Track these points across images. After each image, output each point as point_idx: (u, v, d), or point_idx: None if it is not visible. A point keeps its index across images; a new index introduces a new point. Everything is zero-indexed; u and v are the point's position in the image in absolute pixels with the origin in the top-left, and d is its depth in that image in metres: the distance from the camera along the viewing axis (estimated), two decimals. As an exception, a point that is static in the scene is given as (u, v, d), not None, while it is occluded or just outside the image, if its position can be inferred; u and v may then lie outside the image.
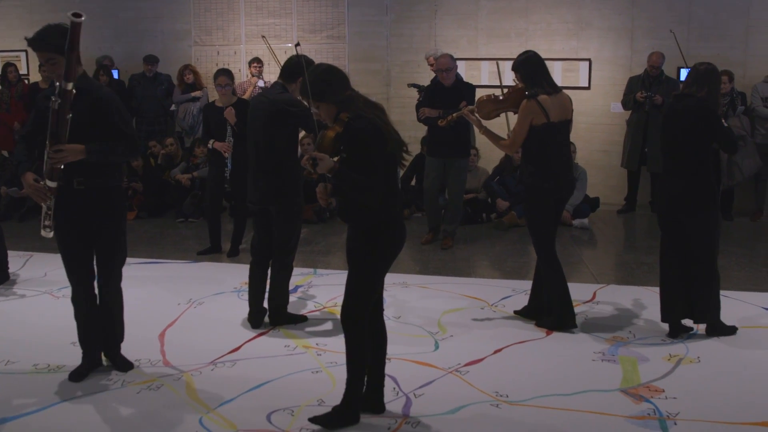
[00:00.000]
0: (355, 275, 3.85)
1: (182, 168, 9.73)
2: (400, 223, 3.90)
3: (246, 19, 11.21)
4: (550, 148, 5.29)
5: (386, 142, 3.75)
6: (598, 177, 10.34)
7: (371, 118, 3.75)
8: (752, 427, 4.00)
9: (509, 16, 10.66)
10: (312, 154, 3.70)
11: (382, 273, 3.93)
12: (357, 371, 3.88)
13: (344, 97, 3.81)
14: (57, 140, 4.11)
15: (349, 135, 3.75)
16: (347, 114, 3.79)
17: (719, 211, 5.30)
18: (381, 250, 3.83)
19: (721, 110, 5.27)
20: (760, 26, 10.04)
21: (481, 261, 7.58)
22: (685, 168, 5.14)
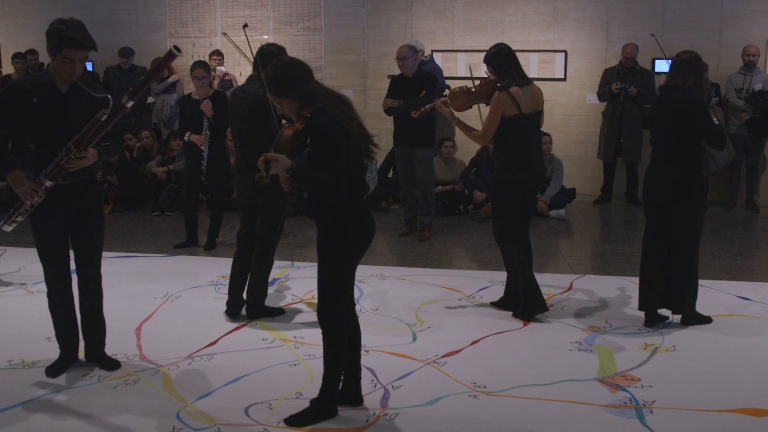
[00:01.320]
0: (325, 271, 3.80)
1: (158, 161, 9.66)
2: (367, 217, 3.85)
3: (222, 11, 11.15)
4: (522, 139, 5.35)
5: (350, 137, 3.66)
6: (574, 168, 10.40)
7: (334, 112, 3.65)
8: (727, 414, 4.05)
9: (485, 7, 10.67)
10: (266, 155, 3.60)
11: (353, 267, 3.88)
12: (335, 366, 3.87)
13: (306, 92, 3.71)
14: (84, 146, 4.06)
15: (312, 131, 3.67)
16: (309, 109, 3.69)
17: (705, 202, 5.34)
18: (349, 244, 3.78)
19: (707, 95, 5.30)
20: (733, 17, 10.13)
21: (459, 252, 7.60)
22: (675, 158, 5.18)
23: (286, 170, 3.59)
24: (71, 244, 4.38)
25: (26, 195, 4.09)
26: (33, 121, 4.12)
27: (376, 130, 10.59)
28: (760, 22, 10.05)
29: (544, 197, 9.16)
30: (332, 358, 3.86)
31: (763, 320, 5.51)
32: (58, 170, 4.08)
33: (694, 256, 5.29)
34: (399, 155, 8.09)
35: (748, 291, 6.19)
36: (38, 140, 4.15)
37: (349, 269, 3.86)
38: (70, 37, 4.01)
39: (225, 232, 8.12)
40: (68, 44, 4.01)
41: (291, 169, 3.60)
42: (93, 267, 4.44)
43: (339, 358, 3.87)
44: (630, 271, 6.82)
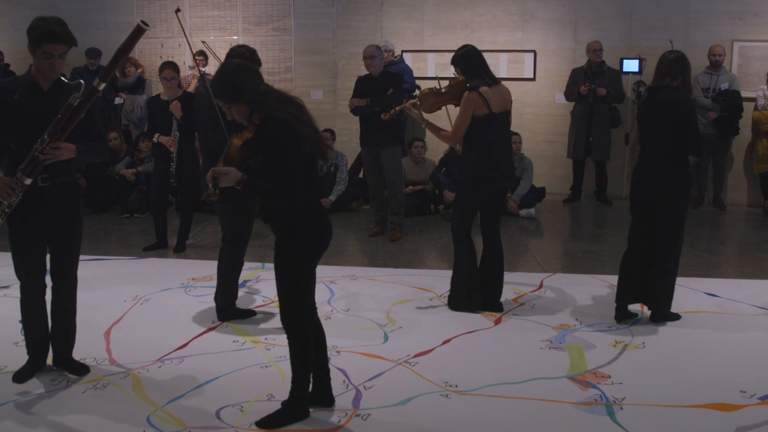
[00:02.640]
0: (283, 276, 3.75)
1: (126, 162, 9.58)
2: (323, 220, 3.80)
3: (190, 11, 11.07)
4: (492, 139, 5.38)
5: (301, 142, 3.58)
6: (544, 167, 10.47)
7: (284, 117, 3.57)
8: (696, 409, 4.09)
9: (455, 8, 10.71)
10: (214, 169, 3.53)
11: (310, 271, 3.83)
12: (302, 368, 3.85)
13: (256, 96, 3.60)
14: (58, 137, 4.00)
15: (261, 138, 3.58)
16: (259, 115, 3.60)
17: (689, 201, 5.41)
18: (305, 249, 3.73)
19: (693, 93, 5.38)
20: (700, 18, 10.25)
21: (430, 252, 7.62)
22: (665, 157, 5.23)
23: (236, 183, 3.54)
24: (48, 249, 4.31)
25: (2, 192, 4.01)
26: (14, 120, 4.06)
27: (347, 130, 10.64)
28: (726, 23, 10.19)
29: (514, 196, 9.20)
30: (299, 360, 3.83)
31: (731, 316, 5.58)
32: (34, 164, 3.99)
33: (674, 254, 5.35)
34: (366, 155, 8.09)
35: (716, 287, 6.26)
36: (20, 139, 4.07)
37: (307, 273, 3.81)
38: (48, 31, 3.98)
39: (195, 233, 8.07)
40: (47, 38, 3.98)
41: (241, 182, 3.54)
42: (69, 273, 4.38)
43: (306, 360, 3.85)
44: (600, 269, 6.88)
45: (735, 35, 10.19)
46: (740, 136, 10.00)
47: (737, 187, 10.43)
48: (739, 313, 5.67)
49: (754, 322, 5.49)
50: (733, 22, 10.19)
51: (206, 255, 7.29)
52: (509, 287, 6.09)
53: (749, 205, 10.35)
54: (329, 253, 7.34)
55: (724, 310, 5.72)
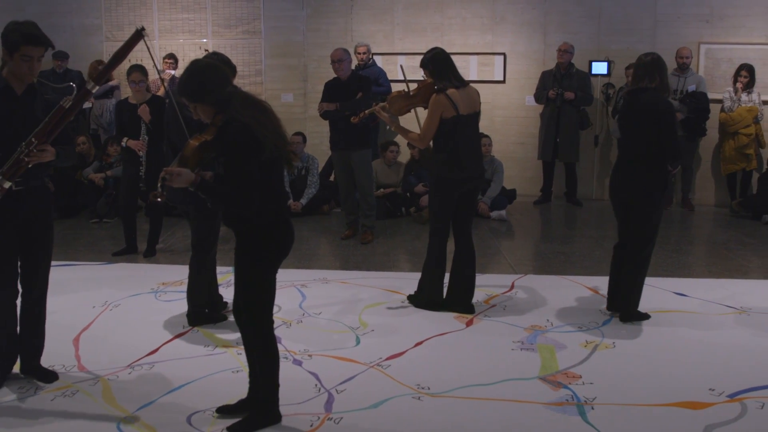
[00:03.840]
0: (245, 281, 3.74)
1: (95, 167, 9.48)
2: (286, 226, 3.78)
3: (159, 14, 10.99)
4: (461, 140, 5.43)
5: (262, 147, 3.53)
6: (514, 169, 10.52)
7: (247, 121, 3.52)
8: (666, 408, 4.13)
9: (425, 11, 10.73)
10: (165, 169, 3.48)
11: (272, 276, 3.80)
12: (271, 373, 3.83)
13: (222, 97, 3.57)
14: (45, 139, 3.94)
15: (221, 141, 3.55)
16: (222, 117, 3.57)
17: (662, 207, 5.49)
18: (266, 254, 3.71)
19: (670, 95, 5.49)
20: (666, 20, 10.37)
21: (401, 255, 7.62)
22: (641, 158, 5.30)
23: (189, 184, 3.49)
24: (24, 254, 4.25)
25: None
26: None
27: (317, 133, 10.62)
28: (692, 25, 10.31)
29: (485, 198, 9.24)
30: (267, 364, 3.81)
31: (700, 315, 5.64)
32: (17, 166, 3.92)
33: (643, 255, 5.41)
34: (337, 159, 8.08)
35: (685, 287, 6.32)
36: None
37: (268, 278, 3.78)
38: (28, 33, 3.94)
39: (165, 238, 8.01)
40: (27, 41, 3.94)
41: (194, 183, 3.49)
42: (40, 278, 4.31)
43: (273, 363, 3.83)
44: (570, 270, 6.92)
45: (701, 38, 10.32)
46: (707, 137, 10.13)
47: (705, 187, 10.56)
48: (708, 312, 5.73)
49: (723, 321, 5.55)
50: (700, 24, 10.32)
51: (176, 260, 7.24)
52: (481, 289, 6.11)
53: (717, 205, 10.47)
54: (301, 257, 7.33)
55: (693, 309, 5.78)
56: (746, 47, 10.21)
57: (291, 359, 4.77)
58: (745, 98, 9.72)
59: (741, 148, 9.76)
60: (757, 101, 9.74)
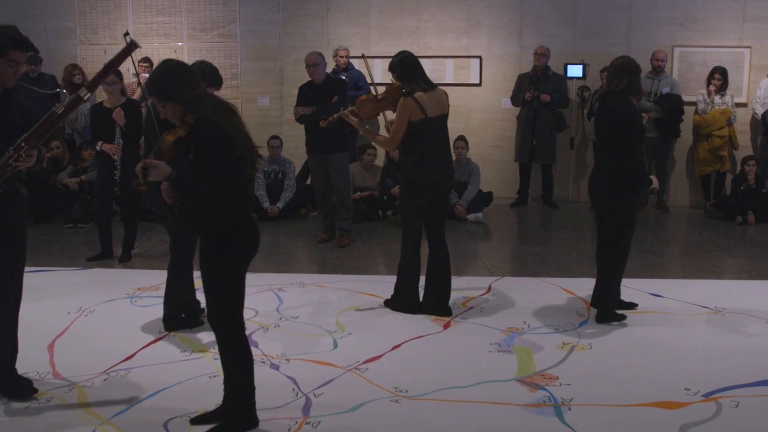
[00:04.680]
0: (212, 285, 3.72)
1: (69, 171, 9.40)
2: (251, 227, 3.78)
3: (134, 17, 10.93)
4: (428, 143, 5.47)
5: (233, 146, 3.58)
6: (491, 172, 10.56)
7: (219, 120, 3.57)
8: (642, 408, 4.16)
9: (401, 14, 10.75)
10: (145, 161, 3.49)
11: (240, 277, 3.78)
12: (245, 376, 3.81)
13: (192, 97, 3.60)
14: (37, 142, 3.91)
15: (194, 138, 3.56)
16: (193, 116, 3.59)
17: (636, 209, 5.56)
18: (232, 256, 3.69)
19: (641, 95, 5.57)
20: (641, 23, 10.45)
21: (378, 258, 7.62)
22: (610, 159, 5.39)
23: (165, 178, 3.50)
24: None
25: None
26: None
27: (294, 137, 10.61)
28: (666, 29, 10.40)
29: (461, 201, 9.26)
30: (240, 367, 3.79)
31: (675, 316, 5.69)
32: (3, 170, 3.89)
33: (615, 255, 5.47)
34: (313, 162, 8.07)
35: (660, 288, 6.37)
36: None
37: (237, 279, 3.76)
38: (17, 39, 3.92)
39: (141, 243, 7.95)
40: (15, 46, 3.92)
41: (170, 177, 3.50)
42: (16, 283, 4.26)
43: (247, 366, 3.81)
44: (547, 272, 6.95)
45: (675, 41, 10.41)
46: (682, 139, 10.22)
47: (679, 189, 10.65)
48: (683, 312, 5.78)
49: (698, 321, 5.60)
50: (674, 28, 10.41)
51: (152, 264, 7.19)
52: (458, 291, 6.13)
53: (691, 206, 10.56)
54: (278, 261, 7.32)
55: (668, 310, 5.83)
56: (719, 50, 10.32)
57: (268, 363, 4.75)
58: (719, 101, 9.82)
59: (715, 150, 9.86)
60: (730, 104, 9.85)
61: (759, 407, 4.19)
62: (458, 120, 10.55)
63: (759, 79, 10.12)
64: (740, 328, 5.46)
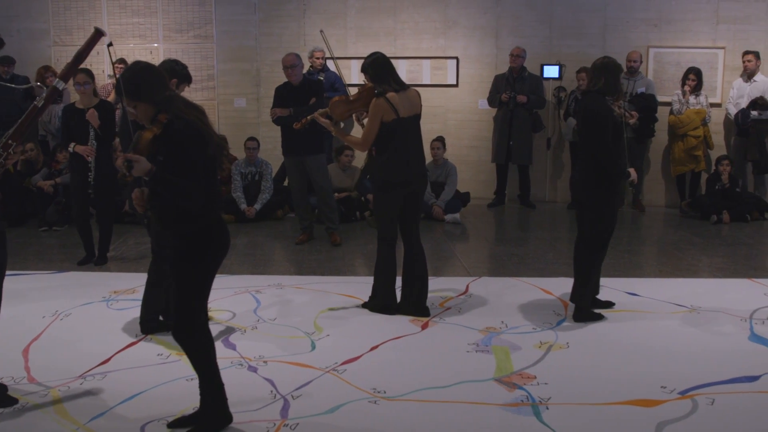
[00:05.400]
0: (181, 285, 3.69)
1: (44, 174, 9.31)
2: (222, 228, 3.78)
3: (109, 18, 10.84)
4: (401, 143, 5.49)
5: (207, 145, 3.62)
6: (468, 172, 10.59)
7: (191, 119, 3.60)
8: (619, 406, 4.19)
9: (378, 15, 10.75)
10: (127, 155, 3.50)
11: (209, 279, 3.78)
12: (211, 375, 3.79)
13: (163, 98, 3.62)
14: (22, 137, 3.93)
15: (168, 136, 3.57)
16: (166, 115, 3.60)
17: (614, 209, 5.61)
18: (204, 256, 3.69)
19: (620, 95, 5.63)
20: (616, 25, 10.52)
21: (356, 259, 7.61)
22: (590, 158, 5.45)
23: (146, 173, 3.50)
24: None
25: None
26: None
27: (270, 138, 10.59)
28: (641, 30, 10.48)
29: (439, 202, 9.28)
30: (205, 366, 3.77)
31: (651, 314, 5.73)
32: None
33: (592, 253, 5.53)
34: (290, 164, 8.04)
35: (637, 287, 6.41)
36: None
37: (206, 283, 3.76)
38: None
39: (117, 245, 7.89)
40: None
41: (150, 172, 3.50)
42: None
43: (212, 364, 3.78)
44: (524, 272, 6.98)
45: (650, 42, 10.49)
46: (657, 139, 10.30)
47: (655, 188, 10.73)
48: (659, 311, 5.82)
49: (674, 319, 5.64)
50: (648, 29, 10.49)
51: (128, 267, 7.14)
52: (435, 292, 6.14)
53: (667, 206, 10.65)
54: (255, 263, 7.29)
55: (645, 308, 5.87)
56: (693, 51, 10.41)
57: (246, 366, 4.73)
58: (693, 101, 9.91)
59: (690, 150, 9.94)
60: (705, 104, 9.94)
61: (734, 404, 4.23)
62: (435, 121, 10.58)
63: (732, 80, 10.22)
64: (715, 326, 5.51)
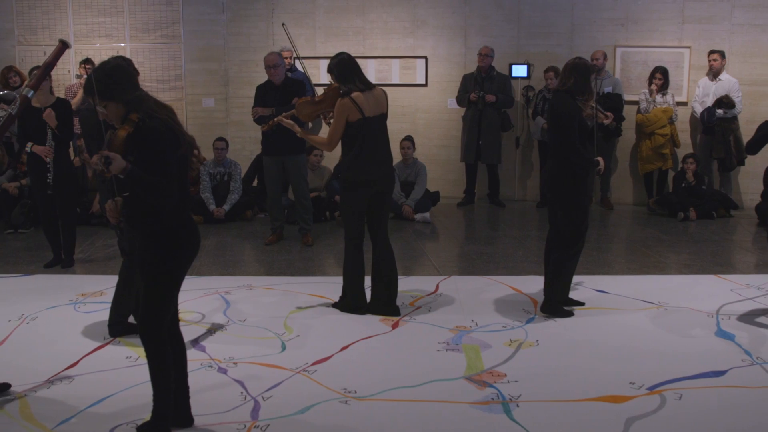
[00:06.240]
0: (150, 286, 3.65)
1: (9, 176, 9.19)
2: (192, 228, 3.75)
3: (74, 18, 10.72)
4: (366, 142, 5.50)
5: (179, 144, 3.62)
6: (437, 171, 10.61)
7: (164, 118, 3.59)
8: (589, 402, 4.22)
9: (346, 14, 10.74)
10: (104, 152, 3.46)
11: (179, 280, 3.75)
12: (163, 384, 3.72)
13: (133, 97, 3.59)
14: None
15: (141, 135, 3.54)
16: (137, 114, 3.57)
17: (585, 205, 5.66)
18: (175, 256, 3.66)
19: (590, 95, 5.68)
20: (583, 24, 10.60)
21: (326, 259, 7.59)
22: (559, 156, 5.53)
23: (121, 171, 3.45)
24: None
25: None
26: None
27: (239, 138, 10.54)
28: (608, 29, 10.57)
29: (409, 201, 9.30)
30: (160, 374, 3.70)
31: (620, 311, 5.78)
32: None
33: (565, 250, 5.58)
34: (269, 164, 7.99)
35: (605, 284, 6.46)
36: None
37: (174, 282, 3.73)
38: None
39: (84, 247, 7.81)
40: None
41: (126, 170, 3.46)
42: None
43: (166, 375, 3.72)
44: (494, 270, 7.00)
45: (617, 41, 10.59)
46: (625, 138, 10.40)
47: (623, 186, 10.82)
48: (627, 308, 5.87)
49: (642, 316, 5.70)
50: (615, 28, 10.59)
51: (96, 269, 7.06)
52: (406, 291, 6.15)
53: (634, 203, 10.75)
54: (224, 264, 7.25)
55: (613, 305, 5.92)
56: (660, 50, 10.52)
57: (216, 367, 4.70)
58: (660, 100, 10.01)
59: (657, 148, 10.05)
60: (672, 102, 10.05)
61: (701, 399, 4.27)
62: (404, 120, 10.60)
63: (698, 79, 10.34)
64: (683, 322, 5.57)
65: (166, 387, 3.73)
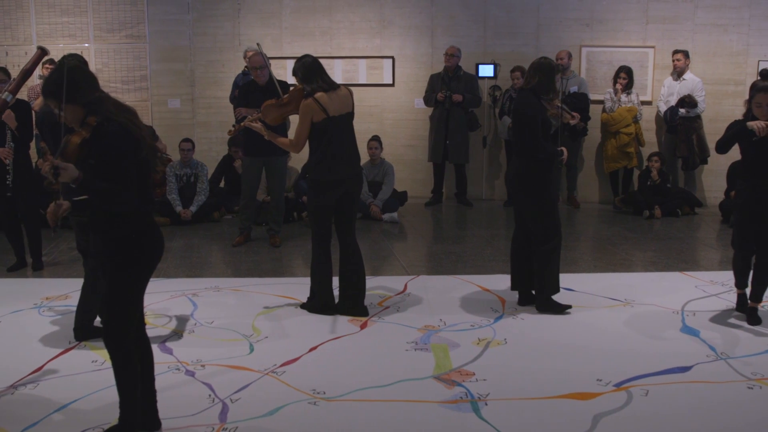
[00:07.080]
0: (114, 291, 3.61)
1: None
2: (156, 231, 3.71)
3: (37, 18, 10.58)
4: (331, 142, 5.50)
5: (139, 148, 3.54)
6: (405, 171, 10.63)
7: (123, 121, 3.51)
8: (557, 400, 4.25)
9: (313, 14, 10.71)
10: (54, 162, 3.38)
11: (143, 285, 3.70)
12: (129, 389, 3.68)
13: (92, 99, 3.53)
14: None
15: (98, 140, 3.48)
16: (95, 118, 3.51)
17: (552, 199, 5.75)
18: (138, 261, 3.62)
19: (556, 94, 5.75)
20: (549, 24, 10.67)
21: (293, 260, 7.57)
22: (522, 156, 5.63)
23: (74, 180, 3.40)
24: None
25: None
26: None
27: (206, 139, 10.48)
28: (574, 29, 10.65)
29: (376, 201, 9.30)
30: (126, 379, 3.66)
31: (586, 309, 5.82)
32: None
33: (544, 246, 5.66)
34: (250, 165, 7.92)
35: (572, 282, 6.50)
36: None
37: (139, 287, 3.68)
38: None
39: (49, 250, 7.70)
40: None
41: (78, 179, 3.40)
42: None
43: (133, 380, 3.67)
44: (462, 269, 7.02)
45: (582, 41, 10.67)
46: (590, 136, 10.49)
47: (589, 185, 10.91)
48: (594, 305, 5.92)
49: (608, 313, 5.75)
50: (581, 28, 10.67)
51: (60, 273, 6.97)
52: (374, 291, 6.15)
53: (600, 202, 10.85)
54: (191, 265, 7.19)
55: (580, 303, 5.96)
56: (624, 50, 10.62)
57: (183, 370, 4.66)
58: (625, 99, 10.11)
59: (622, 147, 10.14)
60: (636, 101, 10.15)
61: (667, 394, 4.32)
62: (372, 120, 10.59)
63: (662, 78, 10.46)
64: (649, 318, 5.63)
65: (132, 391, 3.69)
